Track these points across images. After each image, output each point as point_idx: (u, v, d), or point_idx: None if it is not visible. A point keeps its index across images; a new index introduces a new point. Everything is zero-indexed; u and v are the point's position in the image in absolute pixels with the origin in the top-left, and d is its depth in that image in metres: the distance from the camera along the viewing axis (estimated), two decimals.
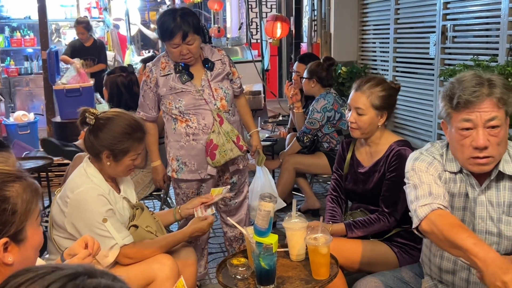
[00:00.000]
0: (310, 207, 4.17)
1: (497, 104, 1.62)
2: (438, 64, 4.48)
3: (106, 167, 2.20)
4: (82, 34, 6.63)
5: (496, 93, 1.62)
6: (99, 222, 2.10)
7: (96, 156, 2.20)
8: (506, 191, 1.72)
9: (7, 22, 8.21)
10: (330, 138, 3.93)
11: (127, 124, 2.19)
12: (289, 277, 1.95)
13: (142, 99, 2.89)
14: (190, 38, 2.67)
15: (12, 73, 7.87)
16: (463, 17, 4.23)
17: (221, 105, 2.82)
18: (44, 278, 0.79)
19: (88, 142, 2.20)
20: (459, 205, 1.79)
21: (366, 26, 6.00)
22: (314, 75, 4.00)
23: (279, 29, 6.27)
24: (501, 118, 1.63)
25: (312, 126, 3.88)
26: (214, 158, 2.78)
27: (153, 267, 2.17)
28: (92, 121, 2.17)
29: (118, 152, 2.17)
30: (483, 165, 1.67)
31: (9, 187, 1.16)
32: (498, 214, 1.73)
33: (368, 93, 2.32)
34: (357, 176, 2.43)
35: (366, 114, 2.32)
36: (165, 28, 2.67)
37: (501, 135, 1.64)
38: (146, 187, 3.57)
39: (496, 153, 1.66)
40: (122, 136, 2.17)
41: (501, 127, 1.63)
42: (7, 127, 6.52)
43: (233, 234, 3.14)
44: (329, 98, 3.90)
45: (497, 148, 1.65)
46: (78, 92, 5.64)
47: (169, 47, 2.72)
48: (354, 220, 2.35)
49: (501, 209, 1.72)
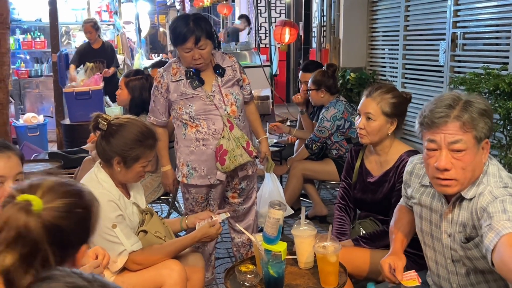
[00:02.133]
0: (318, 213, 4.16)
1: (463, 128, 1.61)
2: (448, 71, 4.47)
3: (116, 173, 2.21)
4: (90, 33, 6.63)
5: (464, 117, 1.61)
6: (108, 227, 2.11)
7: (107, 161, 2.21)
8: (465, 212, 1.71)
9: (18, 25, 8.28)
10: (340, 146, 3.92)
11: (139, 131, 2.20)
12: (297, 285, 1.95)
13: (152, 104, 2.91)
14: (202, 43, 2.69)
15: (22, 75, 7.93)
16: (473, 24, 4.22)
17: (231, 110, 2.83)
18: None
19: (100, 147, 2.21)
20: (426, 217, 1.87)
21: (376, 33, 5.99)
22: (322, 85, 3.95)
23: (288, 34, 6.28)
24: (466, 142, 1.61)
25: (322, 134, 3.87)
26: (223, 164, 2.79)
27: (161, 273, 2.18)
28: (104, 127, 2.18)
29: (129, 159, 2.18)
30: (444, 187, 1.67)
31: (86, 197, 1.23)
32: (457, 233, 1.74)
33: (378, 99, 2.33)
34: (366, 185, 2.42)
35: (375, 120, 2.33)
36: (178, 32, 2.70)
37: (465, 159, 1.62)
38: (154, 191, 3.58)
39: (460, 176, 1.64)
40: (133, 143, 2.17)
41: (466, 151, 1.62)
42: (17, 129, 6.57)
43: (241, 240, 3.14)
44: (339, 107, 3.88)
45: (462, 171, 1.63)
46: (88, 95, 5.67)
47: (181, 51, 2.74)
48: (362, 236, 2.34)
49: (458, 229, 1.73)
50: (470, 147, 1.62)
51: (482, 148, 1.66)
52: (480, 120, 1.62)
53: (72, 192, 1.21)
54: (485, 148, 1.67)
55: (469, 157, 1.63)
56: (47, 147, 6.76)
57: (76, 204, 1.19)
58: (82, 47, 6.82)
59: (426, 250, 1.94)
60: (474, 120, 1.62)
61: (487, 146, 1.67)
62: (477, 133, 1.62)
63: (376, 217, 2.39)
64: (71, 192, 1.20)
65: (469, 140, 1.62)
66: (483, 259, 1.65)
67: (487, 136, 1.66)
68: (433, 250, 1.90)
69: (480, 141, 1.64)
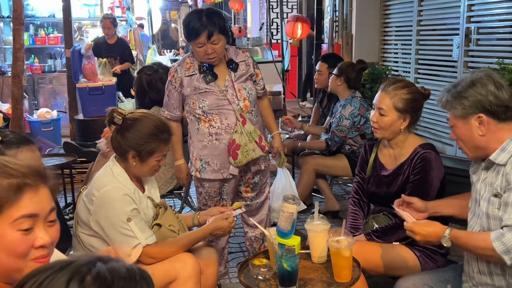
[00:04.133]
0: (330, 208, 4.16)
1: (445, 107, 1.93)
2: (462, 67, 4.44)
3: (131, 167, 2.23)
4: (109, 29, 6.67)
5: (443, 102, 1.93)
6: (123, 221, 2.13)
7: (122, 155, 2.23)
8: (498, 175, 1.86)
9: (31, 20, 8.34)
10: (353, 141, 3.92)
11: (154, 126, 2.21)
12: (311, 279, 1.95)
13: (167, 98, 2.93)
14: (215, 38, 2.70)
15: (36, 70, 8.00)
16: (487, 19, 4.19)
17: (244, 105, 2.84)
18: (62, 271, 0.81)
19: (115, 141, 2.23)
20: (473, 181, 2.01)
21: (388, 28, 5.96)
22: (343, 73, 3.96)
23: (300, 29, 6.27)
24: (451, 120, 1.91)
25: (342, 133, 3.86)
26: (236, 158, 2.80)
27: (175, 266, 2.20)
28: (119, 121, 2.20)
29: (144, 153, 2.19)
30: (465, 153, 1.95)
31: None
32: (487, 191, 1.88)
33: (392, 95, 2.32)
34: (380, 179, 2.42)
35: (387, 116, 2.32)
36: (191, 27, 2.71)
37: (457, 132, 1.90)
38: (167, 183, 3.60)
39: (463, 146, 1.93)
40: (148, 137, 2.19)
41: (454, 127, 1.91)
42: (31, 124, 6.63)
43: (254, 234, 3.16)
44: (355, 103, 3.86)
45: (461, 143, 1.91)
46: (101, 90, 5.72)
47: (194, 46, 2.75)
48: (374, 230, 2.34)
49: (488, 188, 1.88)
50: (456, 124, 1.89)
51: (479, 123, 1.84)
52: (456, 102, 1.87)
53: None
54: (481, 122, 1.84)
55: (458, 130, 1.90)
56: (61, 142, 6.81)
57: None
58: (97, 41, 6.86)
59: (468, 217, 2.01)
60: (451, 103, 1.89)
61: (483, 120, 1.83)
62: (455, 112, 1.88)
63: (390, 211, 2.38)
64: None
65: (451, 117, 1.91)
66: (500, 220, 1.78)
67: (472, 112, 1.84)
68: (471, 214, 1.98)
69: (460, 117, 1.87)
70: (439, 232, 1.86)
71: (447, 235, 1.84)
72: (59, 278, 0.80)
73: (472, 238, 1.83)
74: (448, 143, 4.74)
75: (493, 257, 1.77)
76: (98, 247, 2.21)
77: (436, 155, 2.30)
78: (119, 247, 2.15)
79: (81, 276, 0.80)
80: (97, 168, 2.91)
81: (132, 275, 0.83)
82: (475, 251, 1.83)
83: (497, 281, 1.86)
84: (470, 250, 1.86)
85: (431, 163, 2.27)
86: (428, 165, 2.26)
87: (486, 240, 1.75)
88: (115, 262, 0.84)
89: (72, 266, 0.82)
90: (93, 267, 0.81)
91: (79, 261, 0.83)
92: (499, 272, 1.85)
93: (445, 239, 1.85)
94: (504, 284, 1.84)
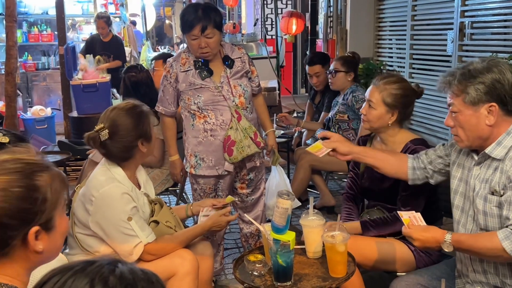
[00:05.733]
0: (325, 204, 4.17)
1: (453, 91, 1.81)
2: (456, 61, 4.44)
3: (142, 156, 2.28)
4: (103, 29, 6.65)
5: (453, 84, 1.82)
6: (124, 220, 2.13)
7: (127, 155, 2.23)
8: (495, 170, 1.82)
9: (24, 18, 8.29)
10: (355, 133, 3.90)
11: (132, 106, 2.27)
12: (306, 274, 1.96)
13: (161, 93, 2.92)
14: (209, 32, 2.70)
15: (29, 68, 7.96)
16: (481, 13, 4.19)
17: (239, 102, 2.83)
18: (84, 271, 0.83)
19: (116, 150, 2.20)
20: (457, 175, 1.97)
21: (383, 23, 5.97)
22: (352, 68, 3.97)
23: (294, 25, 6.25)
24: (457, 105, 1.80)
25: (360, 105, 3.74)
26: (231, 154, 2.80)
27: (174, 262, 2.21)
28: (106, 134, 2.18)
29: (147, 130, 2.26)
30: (456, 142, 1.90)
31: (38, 177, 1.18)
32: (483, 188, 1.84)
33: (382, 89, 2.33)
34: (374, 174, 2.42)
35: (376, 109, 2.33)
36: (185, 19, 2.73)
37: (459, 119, 1.81)
38: (162, 183, 3.60)
39: (461, 134, 1.84)
40: (139, 118, 2.23)
41: (458, 113, 1.81)
42: (25, 122, 6.60)
43: (249, 231, 3.16)
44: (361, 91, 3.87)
45: (461, 130, 1.83)
46: (95, 87, 5.69)
47: (188, 38, 2.77)
48: (371, 219, 2.35)
49: (483, 185, 1.84)
50: (462, 110, 1.80)
51: (488, 112, 1.76)
52: (470, 87, 1.76)
53: (17, 169, 1.16)
54: (491, 112, 1.76)
55: (463, 117, 1.80)
56: (55, 139, 6.78)
57: (14, 182, 1.14)
58: (92, 38, 6.84)
59: (455, 214, 1.98)
60: (464, 87, 1.78)
61: (494, 110, 1.76)
62: (468, 97, 1.77)
63: (384, 206, 2.39)
64: (15, 169, 1.16)
65: (459, 103, 1.80)
66: (498, 217, 1.77)
67: (485, 100, 1.76)
68: (460, 211, 1.94)
69: (474, 105, 1.77)
70: (439, 237, 1.80)
71: (449, 240, 1.79)
72: (82, 279, 0.82)
73: (477, 241, 1.77)
74: (443, 138, 4.75)
75: (501, 257, 1.73)
76: (96, 247, 2.21)
77: None
78: (120, 247, 2.15)
79: (105, 277, 0.82)
80: (90, 166, 2.90)
81: (149, 277, 0.86)
82: (482, 252, 1.76)
83: (491, 279, 1.86)
84: (476, 253, 1.80)
85: None
86: None
87: (493, 240, 1.71)
88: (131, 265, 0.87)
89: (94, 267, 0.84)
90: (116, 268, 0.84)
91: (101, 262, 0.85)
92: (492, 271, 1.85)
93: (446, 244, 1.79)
94: (498, 281, 1.84)
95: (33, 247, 1.17)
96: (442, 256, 2.34)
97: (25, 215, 1.15)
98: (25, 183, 1.15)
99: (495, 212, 1.78)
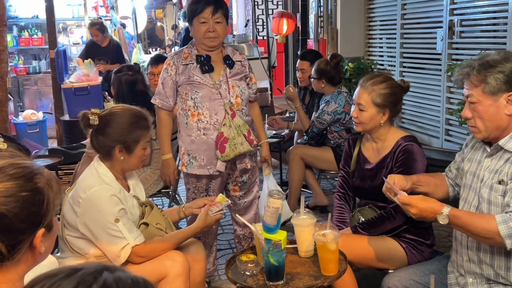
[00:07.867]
0: (318, 203, 4.18)
1: (472, 82, 1.82)
2: (446, 59, 4.47)
3: (119, 163, 2.23)
4: (97, 36, 6.59)
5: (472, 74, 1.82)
6: (111, 222, 2.12)
7: (107, 154, 2.23)
8: (506, 162, 1.83)
9: (15, 22, 8.25)
10: (339, 135, 3.94)
11: (131, 114, 2.24)
12: (298, 273, 1.96)
13: (160, 86, 2.90)
14: (219, 16, 2.74)
15: (20, 72, 7.92)
16: (470, 11, 4.22)
17: (236, 102, 2.84)
18: (69, 278, 0.82)
19: (97, 142, 2.22)
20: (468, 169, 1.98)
21: (373, 22, 5.99)
22: (323, 75, 3.94)
23: (285, 25, 6.27)
24: (476, 96, 1.81)
25: (322, 126, 3.91)
26: (223, 151, 2.79)
27: (165, 264, 2.20)
28: (96, 121, 2.19)
29: (130, 142, 2.21)
30: (473, 133, 1.90)
31: (37, 179, 1.18)
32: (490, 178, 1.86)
33: (370, 90, 2.33)
34: (364, 172, 2.43)
35: (366, 111, 2.34)
36: (197, 2, 2.74)
37: (478, 109, 1.82)
38: (154, 184, 3.60)
39: (479, 125, 1.84)
40: (130, 126, 2.21)
41: (476, 103, 1.81)
42: (16, 126, 6.57)
43: (243, 233, 3.15)
44: (340, 101, 3.87)
45: (480, 121, 1.83)
46: (87, 90, 5.67)
47: (197, 23, 2.77)
48: (360, 222, 2.35)
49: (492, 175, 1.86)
50: (481, 100, 1.80)
51: (507, 102, 1.78)
52: (490, 76, 1.77)
53: (18, 174, 1.16)
54: (510, 101, 1.78)
55: (482, 108, 1.81)
56: (47, 143, 6.76)
57: (21, 187, 1.15)
58: (90, 43, 6.79)
59: (460, 206, 1.98)
60: (483, 77, 1.79)
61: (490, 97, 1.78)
62: (488, 87, 1.78)
63: (375, 204, 2.39)
64: (16, 174, 1.16)
65: (478, 93, 1.81)
66: (502, 207, 1.78)
67: (505, 90, 1.77)
68: (463, 202, 1.96)
69: (494, 95, 1.78)
70: (437, 208, 1.79)
71: (446, 213, 1.78)
72: (65, 285, 0.81)
73: (473, 219, 1.77)
74: (434, 136, 4.77)
75: (492, 240, 1.74)
76: (86, 249, 2.20)
77: (418, 147, 2.32)
78: (108, 248, 2.14)
79: (88, 284, 0.81)
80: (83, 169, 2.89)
81: (137, 286, 0.84)
82: (475, 231, 1.76)
83: (485, 270, 1.87)
84: (470, 231, 1.79)
85: (413, 155, 2.28)
86: (411, 157, 2.28)
87: (490, 222, 1.72)
88: (121, 272, 0.85)
89: (79, 275, 0.82)
90: (100, 276, 0.82)
91: (86, 269, 0.84)
92: (488, 261, 1.86)
93: (442, 216, 1.78)
94: (492, 273, 1.86)
95: (39, 249, 1.17)
96: (434, 253, 2.35)
97: (35, 218, 1.15)
98: (30, 187, 1.15)
99: (499, 201, 1.80)
